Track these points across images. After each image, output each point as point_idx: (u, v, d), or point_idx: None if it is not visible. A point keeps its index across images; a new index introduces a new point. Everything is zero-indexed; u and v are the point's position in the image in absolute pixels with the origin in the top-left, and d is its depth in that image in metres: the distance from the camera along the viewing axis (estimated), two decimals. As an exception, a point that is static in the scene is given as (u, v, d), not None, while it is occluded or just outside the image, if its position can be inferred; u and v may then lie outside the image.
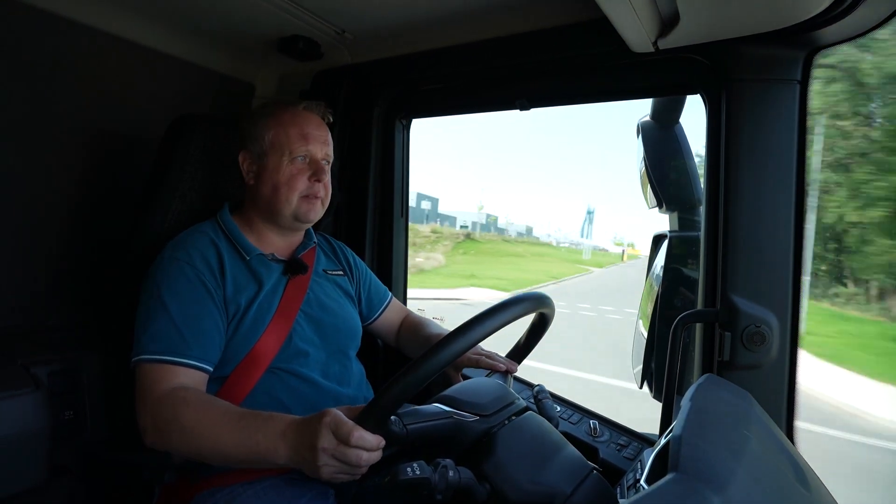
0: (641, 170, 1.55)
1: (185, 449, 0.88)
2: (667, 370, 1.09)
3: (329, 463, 0.77)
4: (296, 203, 1.10)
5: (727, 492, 0.54)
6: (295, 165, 1.10)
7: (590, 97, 1.39)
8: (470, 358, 1.17)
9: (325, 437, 0.77)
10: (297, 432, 0.81)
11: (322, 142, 1.13)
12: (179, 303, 0.97)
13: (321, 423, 0.78)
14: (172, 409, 0.88)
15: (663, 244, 1.49)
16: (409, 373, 0.72)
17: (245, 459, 0.85)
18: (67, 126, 1.36)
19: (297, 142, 1.09)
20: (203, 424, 0.86)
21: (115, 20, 1.37)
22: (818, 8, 0.89)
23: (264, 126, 1.12)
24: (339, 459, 0.77)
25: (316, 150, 1.12)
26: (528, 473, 0.76)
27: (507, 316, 0.80)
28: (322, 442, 0.77)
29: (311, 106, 1.16)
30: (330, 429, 0.77)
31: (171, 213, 1.17)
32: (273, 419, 0.84)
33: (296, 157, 1.10)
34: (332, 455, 0.77)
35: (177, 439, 0.87)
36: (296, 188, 1.10)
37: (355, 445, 0.75)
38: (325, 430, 0.77)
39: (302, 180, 1.10)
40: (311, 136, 1.11)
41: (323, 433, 0.77)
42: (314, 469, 0.79)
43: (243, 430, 0.84)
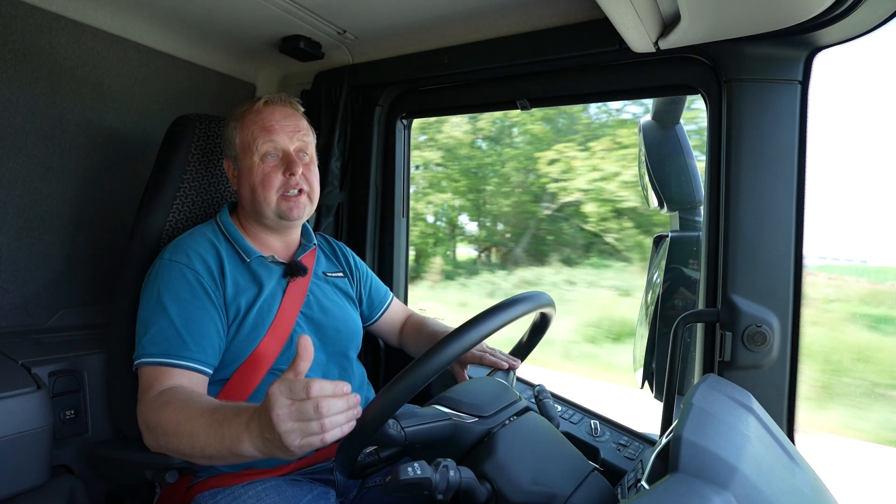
0: (642, 170, 1.55)
1: (172, 449, 0.85)
2: (668, 370, 1.09)
3: (290, 428, 0.67)
4: (275, 202, 1.08)
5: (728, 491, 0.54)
6: (267, 163, 1.08)
7: (590, 97, 1.39)
8: (473, 354, 1.17)
9: (278, 401, 0.68)
10: (257, 417, 0.73)
11: (290, 131, 1.09)
12: (179, 305, 0.97)
13: (270, 391, 0.70)
14: (157, 411, 0.87)
15: (664, 244, 1.49)
16: (414, 369, 0.72)
17: (220, 457, 0.79)
18: (68, 126, 1.36)
19: (262, 137, 1.07)
20: (181, 425, 0.82)
21: (116, 20, 1.37)
22: (819, 8, 0.89)
23: (233, 129, 1.11)
24: (298, 419, 0.67)
25: (283, 142, 1.08)
26: (529, 473, 0.76)
27: (510, 315, 0.80)
28: (276, 409, 0.68)
29: (273, 98, 1.12)
30: (279, 391, 0.69)
31: (171, 213, 1.17)
32: (239, 413, 0.77)
33: (266, 155, 1.08)
34: (288, 418, 0.67)
35: (164, 441, 0.85)
36: (271, 187, 1.07)
37: (314, 395, 0.67)
38: (276, 396, 0.69)
39: (277, 177, 1.07)
40: (275, 128, 1.08)
41: (275, 399, 0.68)
42: (280, 443, 0.68)
43: (213, 427, 0.79)
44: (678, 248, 1.46)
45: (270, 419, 0.68)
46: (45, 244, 1.34)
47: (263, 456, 0.75)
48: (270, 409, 0.68)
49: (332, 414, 0.68)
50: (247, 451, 0.75)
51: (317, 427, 0.68)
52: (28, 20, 1.23)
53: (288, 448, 0.68)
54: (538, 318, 1.06)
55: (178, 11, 1.34)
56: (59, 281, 1.37)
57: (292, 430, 0.68)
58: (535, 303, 0.88)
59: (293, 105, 1.14)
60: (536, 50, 1.28)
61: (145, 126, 1.50)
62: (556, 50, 1.26)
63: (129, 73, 1.45)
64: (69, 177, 1.38)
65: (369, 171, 1.65)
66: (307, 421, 0.67)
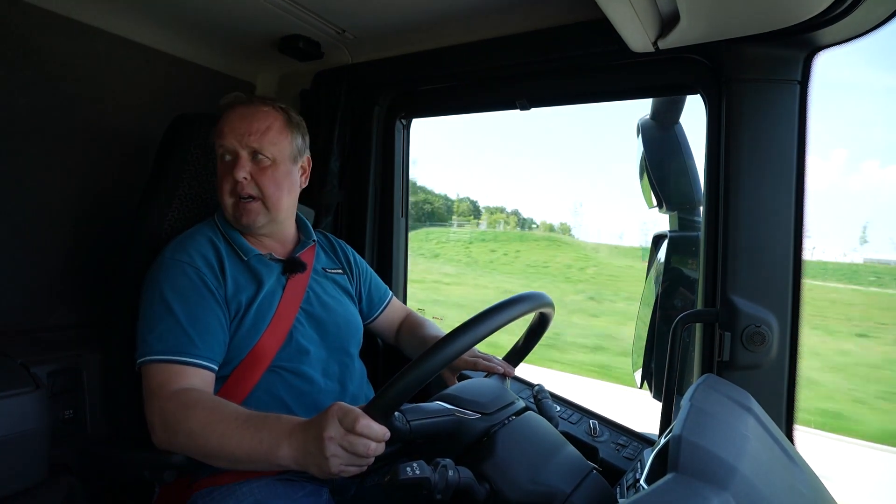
0: (641, 170, 1.56)
1: (190, 448, 0.87)
2: (667, 370, 1.09)
3: (337, 453, 0.74)
4: (231, 207, 1.06)
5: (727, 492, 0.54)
6: (224, 166, 1.06)
7: (590, 97, 1.39)
8: (467, 360, 1.16)
9: (333, 425, 0.75)
10: (304, 429, 0.79)
11: (242, 133, 1.04)
12: (184, 303, 0.97)
13: (328, 413, 0.76)
14: (182, 411, 0.87)
15: (663, 244, 1.49)
16: (411, 370, 0.72)
17: (248, 459, 0.83)
18: (68, 125, 1.36)
19: (216, 139, 1.06)
20: (210, 426, 0.85)
21: (115, 20, 1.37)
22: (818, 8, 0.89)
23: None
24: (346, 449, 0.74)
25: (232, 144, 1.04)
26: (528, 473, 0.76)
27: (508, 315, 0.79)
28: (329, 431, 0.74)
29: (238, 98, 1.10)
30: (337, 417, 0.75)
31: (171, 212, 1.17)
32: (280, 420, 0.83)
33: (221, 156, 1.06)
34: (339, 444, 0.74)
35: (183, 440, 0.87)
36: (224, 190, 1.06)
37: (360, 433, 0.73)
38: (333, 419, 0.75)
39: (227, 180, 1.05)
40: (226, 131, 1.05)
41: (330, 422, 0.75)
42: (321, 462, 0.75)
43: (249, 430, 0.83)
44: (677, 248, 1.46)
45: (321, 436, 0.75)
46: (45, 243, 1.34)
47: (298, 466, 0.79)
48: (323, 427, 0.75)
49: (374, 455, 0.76)
50: (283, 458, 0.79)
51: (358, 464, 0.76)
52: (27, 19, 1.23)
53: (328, 470, 0.75)
54: (536, 320, 1.05)
55: (178, 11, 1.34)
56: (58, 280, 1.37)
57: (337, 456, 0.75)
58: (534, 303, 0.88)
59: (261, 103, 1.09)
60: (535, 50, 1.28)
61: (144, 125, 1.49)
62: (555, 50, 1.26)
63: (128, 72, 1.45)
64: (68, 175, 1.37)
65: (368, 171, 1.64)
66: (353, 454, 0.75)
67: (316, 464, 0.77)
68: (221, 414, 0.86)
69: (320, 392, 1.05)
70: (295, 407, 1.02)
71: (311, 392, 1.04)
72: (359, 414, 0.74)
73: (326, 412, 0.77)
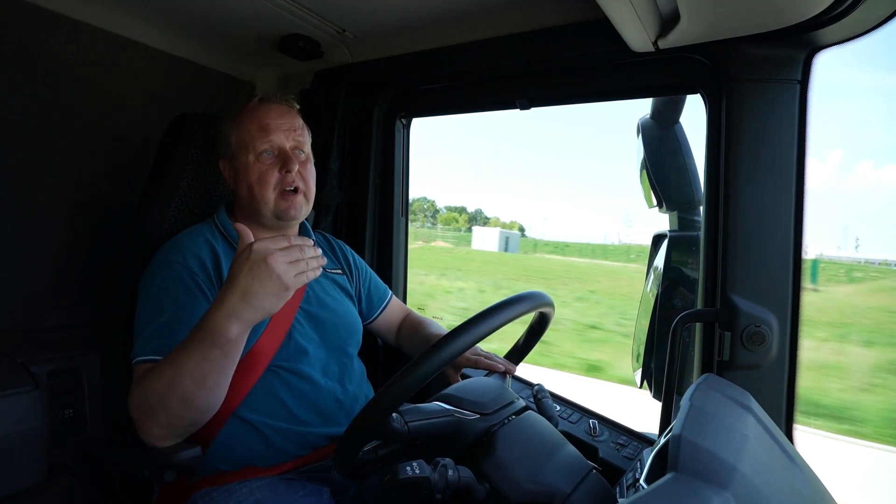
0: (641, 170, 1.55)
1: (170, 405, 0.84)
2: (666, 370, 1.09)
3: (286, 269, 0.79)
4: (273, 201, 1.08)
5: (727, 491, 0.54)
6: (263, 162, 1.07)
7: (590, 97, 1.39)
8: (469, 358, 1.17)
9: (267, 248, 0.79)
10: (231, 283, 0.80)
11: (286, 129, 1.09)
12: (175, 304, 0.96)
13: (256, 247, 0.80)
14: (142, 384, 0.86)
15: (663, 244, 1.49)
16: (410, 371, 0.72)
17: (207, 360, 0.81)
18: (68, 125, 1.36)
19: (258, 136, 1.07)
20: (165, 370, 0.83)
21: (116, 19, 1.37)
22: (818, 8, 0.89)
23: (229, 128, 1.11)
24: (289, 261, 0.80)
25: (280, 140, 1.08)
26: (528, 472, 0.76)
27: (508, 315, 0.80)
28: (272, 252, 0.79)
29: (269, 96, 1.12)
30: (266, 244, 0.80)
31: (170, 211, 1.17)
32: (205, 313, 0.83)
33: (261, 153, 1.07)
34: (282, 259, 0.79)
35: (158, 405, 0.84)
36: (268, 184, 1.07)
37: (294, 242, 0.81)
38: (265, 246, 0.80)
39: (273, 175, 1.07)
40: (272, 127, 1.08)
41: (264, 248, 0.79)
42: (277, 285, 0.79)
43: (187, 341, 0.82)
44: (677, 247, 1.46)
45: (266, 265, 0.78)
46: (44, 243, 1.34)
47: (246, 324, 0.81)
48: (265, 256, 0.79)
49: (309, 257, 0.82)
50: (230, 330, 0.79)
51: (304, 266, 0.81)
52: (27, 19, 1.23)
53: (287, 286, 0.79)
54: (536, 319, 1.05)
55: (177, 10, 1.34)
56: (58, 280, 1.37)
57: (287, 270, 0.79)
58: (534, 303, 0.88)
59: (289, 103, 1.14)
60: (535, 50, 1.28)
61: (144, 125, 1.49)
62: (555, 50, 1.25)
63: (127, 71, 1.45)
64: (68, 175, 1.37)
65: (368, 171, 1.64)
66: (296, 262, 0.80)
67: (270, 293, 0.79)
68: (172, 354, 0.84)
69: (320, 392, 1.05)
70: (294, 407, 1.02)
71: (310, 392, 1.04)
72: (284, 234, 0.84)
73: (253, 248, 0.80)
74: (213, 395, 0.86)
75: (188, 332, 0.83)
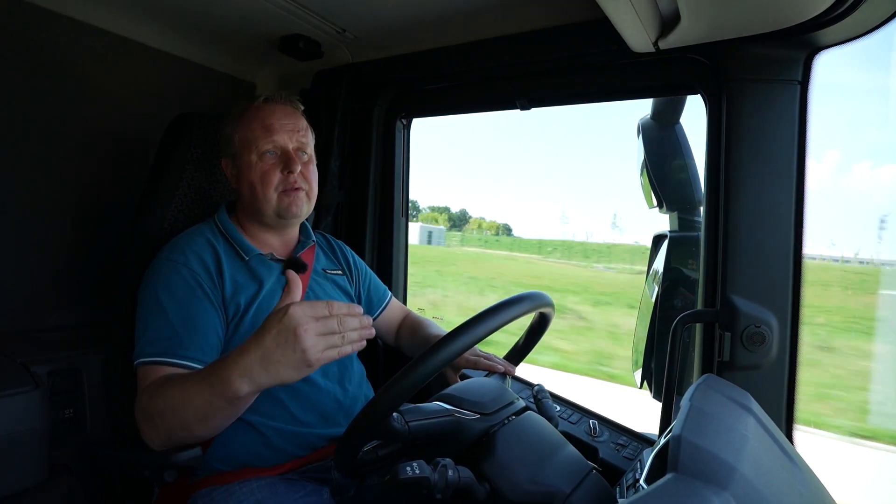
0: (641, 170, 1.55)
1: (170, 426, 0.84)
2: (666, 370, 1.09)
3: (315, 343, 0.72)
4: (275, 200, 1.08)
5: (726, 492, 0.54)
6: (266, 161, 1.08)
7: (590, 97, 1.39)
8: (468, 359, 1.17)
9: (303, 317, 0.72)
10: (257, 342, 0.74)
11: (290, 130, 1.09)
12: (176, 304, 0.96)
13: (292, 311, 0.72)
14: (151, 396, 0.86)
15: (663, 244, 1.49)
16: (410, 372, 0.72)
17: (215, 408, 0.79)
18: (68, 125, 1.36)
19: (262, 136, 1.07)
20: (175, 395, 0.83)
21: (116, 19, 1.37)
22: (819, 9, 0.89)
23: (232, 127, 1.12)
24: (322, 334, 0.73)
25: (283, 140, 1.08)
26: (528, 473, 0.76)
27: (507, 316, 0.79)
28: (303, 323, 0.71)
29: (274, 97, 1.13)
30: (304, 311, 0.73)
31: (170, 212, 1.17)
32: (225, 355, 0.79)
33: (265, 153, 1.08)
34: (314, 332, 0.72)
35: (160, 422, 0.84)
36: (270, 184, 1.07)
37: (336, 312, 0.74)
38: (300, 314, 0.72)
39: (275, 175, 1.08)
40: (275, 127, 1.08)
41: (299, 317, 0.72)
42: (300, 359, 0.72)
43: (200, 376, 0.80)
44: (677, 248, 1.46)
45: (295, 335, 0.71)
46: (45, 242, 1.34)
47: (258, 387, 0.76)
48: (296, 326, 0.72)
49: (349, 329, 0.75)
50: (240, 388, 0.75)
51: (338, 340, 0.74)
52: (27, 19, 1.23)
53: (310, 362, 0.73)
54: (536, 320, 1.05)
55: (178, 10, 1.34)
56: (58, 279, 1.37)
57: (316, 344, 0.73)
58: (534, 303, 0.88)
59: (293, 103, 1.14)
60: (536, 50, 1.28)
61: (144, 125, 1.49)
62: (555, 50, 1.25)
63: (128, 71, 1.45)
64: (68, 176, 1.37)
65: (368, 171, 1.64)
66: (330, 335, 0.74)
67: (290, 365, 0.73)
68: (183, 380, 0.83)
69: (320, 393, 1.05)
70: (294, 407, 1.02)
71: (310, 393, 1.04)
72: (329, 301, 0.75)
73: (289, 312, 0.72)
74: (214, 430, 0.87)
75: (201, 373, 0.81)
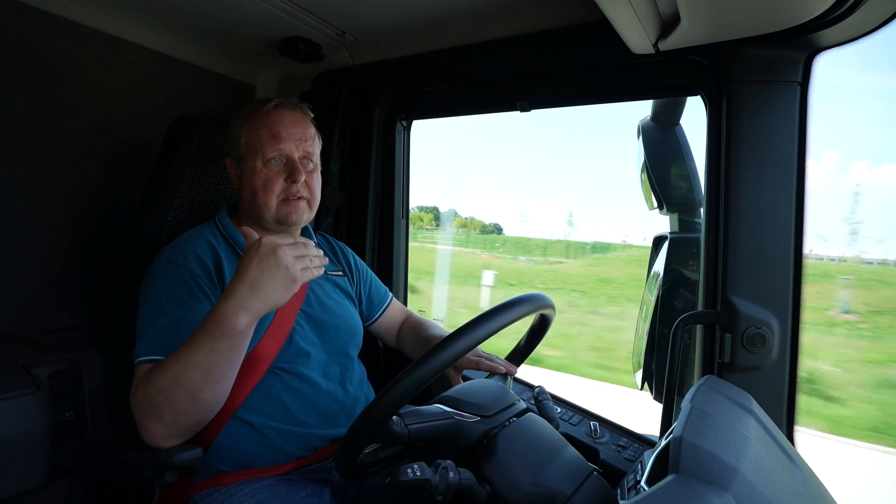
0: (642, 171, 1.56)
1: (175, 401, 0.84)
2: (667, 371, 1.09)
3: (293, 261, 0.83)
4: (275, 207, 1.08)
5: (728, 493, 0.54)
6: (270, 168, 1.07)
7: (590, 98, 1.39)
8: (470, 360, 1.17)
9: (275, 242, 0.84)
10: (241, 275, 0.83)
11: (297, 139, 1.09)
12: (177, 305, 0.96)
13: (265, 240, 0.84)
14: (147, 383, 0.86)
15: (664, 246, 1.49)
16: (411, 374, 0.72)
17: (216, 352, 0.83)
18: (69, 127, 1.36)
19: (269, 143, 1.07)
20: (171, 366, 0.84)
21: (116, 22, 1.37)
22: (818, 10, 0.89)
23: (239, 129, 1.11)
24: (296, 256, 0.84)
25: (289, 149, 1.08)
26: (529, 475, 0.76)
27: (508, 317, 0.79)
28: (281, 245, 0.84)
29: (284, 102, 1.11)
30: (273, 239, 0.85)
31: (171, 213, 1.17)
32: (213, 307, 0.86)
33: (270, 159, 1.07)
34: (290, 251, 0.84)
35: (163, 402, 0.85)
36: (272, 191, 1.07)
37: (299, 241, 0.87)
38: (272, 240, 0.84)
39: (278, 183, 1.07)
40: (282, 135, 1.07)
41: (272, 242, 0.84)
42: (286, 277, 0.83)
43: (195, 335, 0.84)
44: (678, 249, 1.46)
45: (276, 256, 0.82)
46: (45, 244, 1.34)
47: (254, 315, 0.84)
48: (274, 248, 0.83)
49: (313, 255, 0.87)
50: (238, 321, 0.82)
51: (309, 262, 0.86)
52: (27, 22, 1.23)
53: (294, 278, 0.84)
54: (537, 321, 1.05)
55: (178, 13, 1.34)
56: (58, 281, 1.37)
57: (294, 263, 0.84)
58: (535, 305, 0.88)
59: (303, 110, 1.13)
60: (536, 51, 1.28)
61: (145, 127, 1.50)
62: (555, 51, 1.26)
63: (128, 74, 1.45)
64: (69, 178, 1.38)
65: (369, 173, 1.65)
66: (302, 257, 0.85)
67: (278, 284, 0.83)
68: (177, 349, 0.86)
69: (320, 394, 1.05)
70: (295, 409, 1.02)
71: (311, 394, 1.04)
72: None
73: (261, 241, 0.84)
74: (220, 387, 0.87)
75: (194, 329, 0.85)
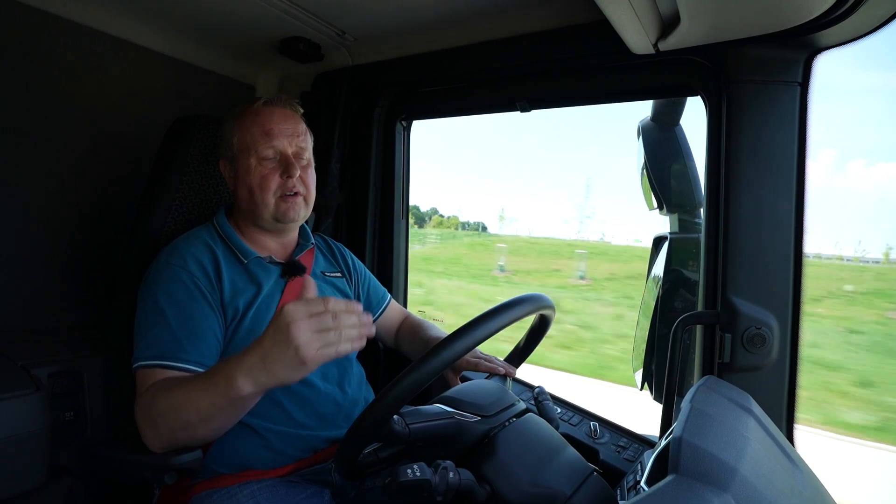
0: (642, 172, 1.56)
1: (171, 429, 0.85)
2: (667, 372, 1.09)
3: (309, 340, 0.71)
4: (273, 204, 1.08)
5: (727, 493, 0.54)
6: (265, 166, 1.07)
7: (590, 99, 1.39)
8: (469, 361, 1.17)
9: (296, 314, 0.71)
10: (257, 342, 0.75)
11: (289, 135, 1.09)
12: (175, 307, 0.96)
13: (286, 309, 0.72)
14: (152, 397, 0.87)
15: (664, 246, 1.49)
16: (410, 374, 0.72)
17: (218, 408, 0.80)
18: (69, 127, 1.36)
19: (261, 140, 1.07)
20: (176, 395, 0.83)
21: (116, 22, 1.37)
22: (818, 10, 0.89)
23: (231, 129, 1.11)
24: (316, 331, 0.71)
25: (282, 145, 1.08)
26: (529, 475, 0.76)
27: (508, 318, 0.79)
28: (297, 320, 0.71)
29: (273, 100, 1.12)
30: (297, 308, 0.72)
31: (170, 214, 1.17)
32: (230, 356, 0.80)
33: (264, 157, 1.07)
34: (308, 329, 0.71)
35: (162, 423, 0.85)
36: (269, 188, 1.07)
37: (332, 308, 0.72)
38: (293, 311, 0.71)
39: (274, 179, 1.07)
40: (275, 132, 1.08)
41: (292, 314, 0.71)
42: (294, 358, 0.71)
43: (205, 378, 0.81)
44: (678, 249, 1.46)
45: (288, 333, 0.70)
46: (45, 245, 1.34)
47: (260, 387, 0.76)
48: (289, 322, 0.71)
49: (347, 326, 0.73)
50: (242, 388, 0.76)
51: (334, 337, 0.72)
52: (27, 22, 1.23)
53: (304, 360, 0.71)
54: (536, 321, 1.05)
55: (178, 13, 1.34)
56: (59, 282, 1.37)
57: (311, 342, 0.71)
58: (534, 305, 0.88)
59: (293, 107, 1.14)
60: (536, 52, 1.28)
61: (144, 127, 1.50)
62: (555, 52, 1.26)
63: (128, 74, 1.45)
64: (69, 178, 1.38)
65: (369, 173, 1.65)
66: (325, 331, 0.72)
67: (289, 365, 0.72)
68: (185, 382, 0.85)
69: (319, 395, 1.05)
70: (294, 411, 1.02)
71: (309, 396, 1.04)
72: (325, 297, 0.74)
73: (283, 310, 0.72)
74: (215, 432, 0.87)
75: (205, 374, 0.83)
